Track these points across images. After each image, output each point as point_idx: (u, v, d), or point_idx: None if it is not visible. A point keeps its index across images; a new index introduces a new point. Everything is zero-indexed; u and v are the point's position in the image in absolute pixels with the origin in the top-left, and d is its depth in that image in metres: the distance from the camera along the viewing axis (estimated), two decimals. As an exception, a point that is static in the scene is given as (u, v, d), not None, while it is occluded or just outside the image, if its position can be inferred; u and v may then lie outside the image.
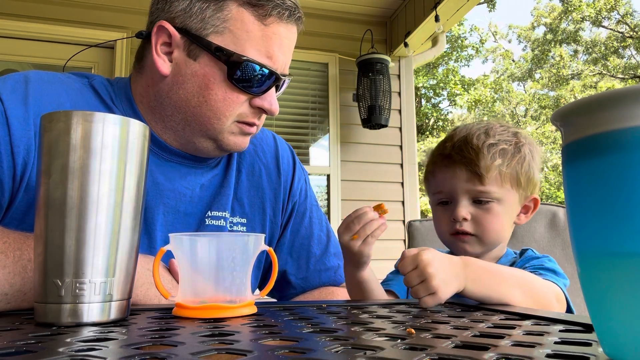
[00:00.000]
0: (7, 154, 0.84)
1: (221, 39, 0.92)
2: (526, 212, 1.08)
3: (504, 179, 1.01)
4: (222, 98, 0.93)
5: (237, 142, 0.99)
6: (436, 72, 18.93)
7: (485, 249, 1.04)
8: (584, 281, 0.37)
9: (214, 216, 1.04)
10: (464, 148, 1.02)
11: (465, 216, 1.01)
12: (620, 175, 0.32)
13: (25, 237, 0.71)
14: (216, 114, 0.94)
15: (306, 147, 3.99)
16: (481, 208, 1.02)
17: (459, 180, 1.02)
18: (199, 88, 0.93)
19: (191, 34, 0.92)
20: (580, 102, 0.35)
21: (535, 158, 1.06)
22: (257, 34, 0.93)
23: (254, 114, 0.97)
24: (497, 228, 1.02)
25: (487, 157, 1.00)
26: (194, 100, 0.94)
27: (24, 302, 0.68)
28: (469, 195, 1.02)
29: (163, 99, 0.96)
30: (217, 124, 0.95)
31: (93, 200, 0.56)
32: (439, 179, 1.06)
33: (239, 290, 0.66)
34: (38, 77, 0.92)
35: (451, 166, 1.04)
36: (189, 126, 0.97)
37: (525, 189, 1.04)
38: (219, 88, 0.93)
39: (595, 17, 19.08)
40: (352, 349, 0.42)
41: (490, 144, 1.02)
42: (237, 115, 0.96)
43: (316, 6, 3.84)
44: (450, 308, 0.74)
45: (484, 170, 0.99)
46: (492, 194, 1.01)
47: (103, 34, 3.42)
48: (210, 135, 0.97)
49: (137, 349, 0.41)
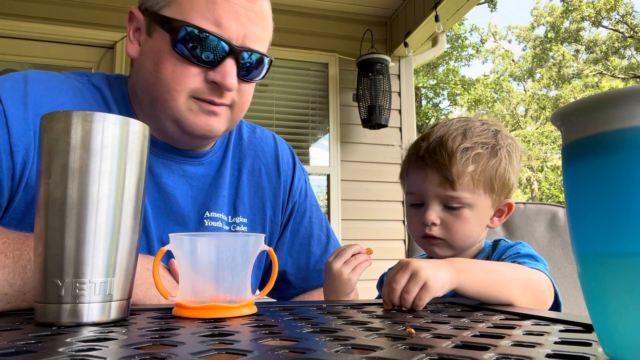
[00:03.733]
0: (7, 154, 0.84)
1: (169, 11, 0.91)
2: (500, 215, 1.06)
3: (476, 185, 0.99)
4: (172, 71, 0.90)
5: (197, 122, 0.93)
6: (436, 72, 18.93)
7: (456, 252, 1.03)
8: (584, 281, 0.37)
9: (213, 217, 1.04)
10: (438, 151, 1.00)
11: (435, 221, 1.00)
12: (620, 175, 0.32)
13: (25, 237, 0.71)
14: (167, 89, 0.91)
15: (306, 147, 3.99)
16: (451, 213, 1.00)
17: (430, 184, 1.00)
18: (153, 63, 0.92)
19: (148, 12, 0.94)
20: (580, 102, 0.35)
21: (513, 161, 1.03)
22: (201, 1, 0.90)
23: (211, 90, 0.92)
24: (466, 234, 1.01)
25: (459, 162, 0.97)
26: (150, 77, 0.93)
27: (23, 302, 0.68)
28: (440, 200, 1.00)
29: (135, 84, 0.98)
30: (170, 100, 0.91)
31: (93, 200, 0.56)
32: (412, 179, 1.05)
33: (239, 290, 0.66)
34: (37, 77, 0.92)
35: (423, 168, 1.02)
36: (154, 108, 0.95)
37: (499, 193, 1.02)
38: (168, 61, 0.91)
39: (596, 17, 19.08)
40: (352, 348, 0.42)
41: (465, 148, 0.99)
42: (190, 90, 0.91)
43: (316, 6, 3.84)
44: (451, 308, 0.74)
45: (456, 176, 0.97)
46: (463, 200, 0.99)
47: (103, 34, 3.43)
48: (170, 115, 0.93)
49: (137, 349, 0.41)
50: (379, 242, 3.65)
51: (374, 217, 3.78)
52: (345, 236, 3.67)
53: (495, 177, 1.00)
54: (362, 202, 3.78)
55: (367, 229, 3.76)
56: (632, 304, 0.32)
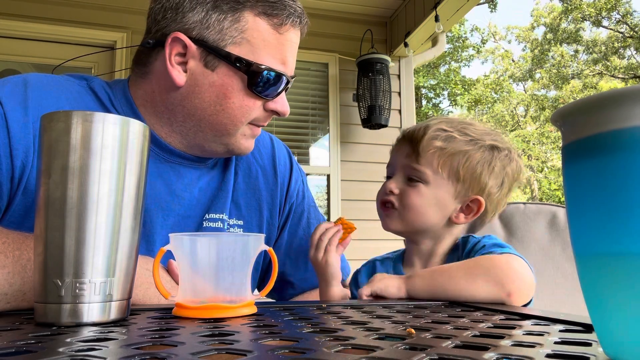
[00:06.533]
0: (6, 157, 0.84)
1: (239, 49, 0.93)
2: (468, 213, 1.03)
3: (440, 166, 0.99)
4: (239, 106, 0.95)
5: (246, 145, 1.02)
6: (437, 72, 18.94)
7: (405, 228, 1.04)
8: (584, 281, 0.37)
9: (212, 218, 1.04)
10: (419, 127, 1.03)
11: (393, 190, 1.02)
12: (620, 175, 0.32)
13: (25, 237, 0.71)
14: (233, 120, 0.96)
15: (306, 147, 3.99)
16: (409, 185, 1.02)
17: (401, 155, 1.04)
18: (217, 97, 0.94)
19: (209, 45, 0.92)
20: (580, 102, 0.35)
21: (496, 168, 1.01)
22: (272, 42, 0.95)
23: (266, 116, 1.01)
24: (418, 208, 1.01)
25: (429, 136, 1.00)
26: (210, 108, 0.95)
27: (23, 301, 0.68)
28: (404, 172, 1.03)
29: (175, 106, 0.97)
30: (233, 129, 0.97)
31: (93, 200, 0.56)
32: (391, 154, 1.09)
33: (239, 290, 0.66)
34: (37, 80, 0.92)
35: (401, 143, 1.06)
36: (202, 132, 0.98)
37: (465, 185, 1.00)
38: (236, 97, 0.94)
39: (596, 17, 19.08)
40: (352, 349, 0.42)
41: (441, 129, 1.01)
42: (252, 120, 0.98)
43: (316, 6, 3.84)
44: (451, 308, 0.74)
45: (421, 149, 0.99)
46: (423, 175, 1.00)
47: (103, 34, 3.43)
48: (222, 141, 0.99)
49: (137, 349, 0.41)
50: (379, 242, 3.64)
51: (374, 217, 3.75)
52: (345, 236, 3.66)
53: (462, 165, 0.99)
54: (362, 202, 3.78)
55: (367, 228, 3.74)
56: (632, 304, 0.32)
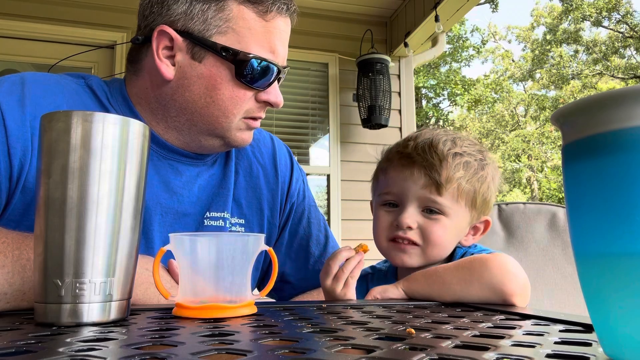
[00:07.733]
0: (4, 155, 0.84)
1: (225, 38, 0.92)
2: (475, 233, 1.01)
3: (460, 195, 0.94)
4: (230, 97, 0.94)
5: (244, 137, 1.01)
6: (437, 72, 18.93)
7: (424, 263, 0.96)
8: (584, 281, 0.37)
9: (213, 217, 1.04)
10: (428, 151, 0.94)
11: (411, 225, 0.94)
12: (620, 175, 0.32)
13: (24, 237, 0.71)
14: (224, 112, 0.95)
15: (306, 147, 3.99)
16: (429, 218, 0.94)
17: (414, 185, 0.94)
18: (206, 89, 0.93)
19: (194, 36, 0.92)
20: (580, 102, 0.35)
21: (495, 181, 1.01)
22: (259, 30, 0.94)
23: (259, 108, 0.99)
24: (443, 243, 0.95)
25: (450, 166, 0.93)
26: (200, 101, 0.94)
27: (23, 301, 0.68)
28: (420, 203, 0.94)
29: (167, 101, 0.96)
30: (225, 122, 0.96)
31: (93, 200, 0.56)
32: (392, 177, 0.98)
33: (239, 290, 0.66)
34: (34, 78, 0.92)
35: (409, 167, 0.95)
36: (195, 126, 0.97)
37: (479, 210, 0.98)
38: (226, 87, 0.93)
39: (596, 18, 19.08)
40: (352, 348, 0.42)
41: (456, 153, 0.95)
42: (244, 111, 0.97)
43: (316, 6, 3.84)
44: (451, 308, 0.74)
45: (444, 180, 0.92)
46: (444, 207, 0.94)
47: (103, 34, 3.43)
48: (217, 134, 0.98)
49: (137, 349, 0.41)
50: (379, 242, 3.65)
51: (373, 217, 3.77)
52: (345, 236, 3.67)
53: (479, 191, 0.96)
54: (362, 202, 3.76)
55: (367, 229, 3.72)
56: (632, 304, 0.32)
